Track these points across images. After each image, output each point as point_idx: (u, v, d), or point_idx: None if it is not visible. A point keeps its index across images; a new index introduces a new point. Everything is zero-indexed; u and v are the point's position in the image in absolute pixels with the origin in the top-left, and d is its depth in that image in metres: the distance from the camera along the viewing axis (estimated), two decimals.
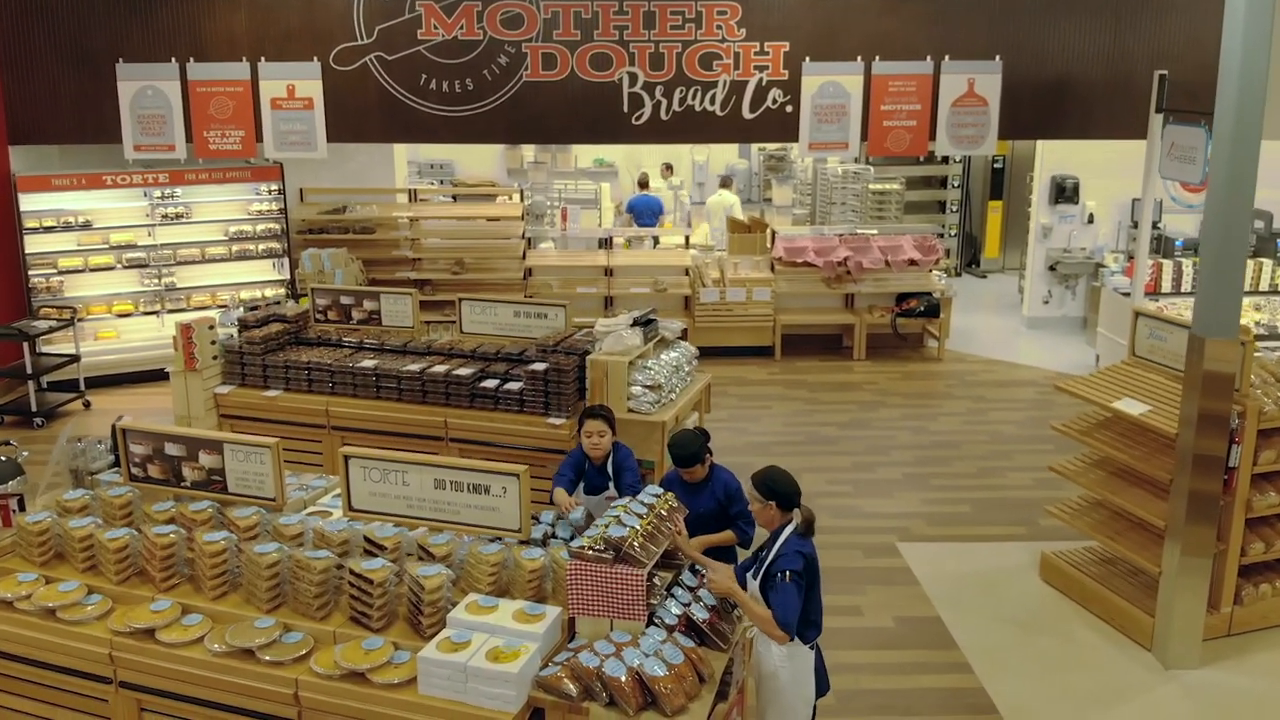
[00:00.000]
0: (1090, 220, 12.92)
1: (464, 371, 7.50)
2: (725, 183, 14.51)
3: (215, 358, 7.97)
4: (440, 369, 7.56)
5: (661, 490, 4.74)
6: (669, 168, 16.05)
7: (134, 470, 5.40)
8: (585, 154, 17.27)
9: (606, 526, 4.34)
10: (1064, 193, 12.77)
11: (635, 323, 7.56)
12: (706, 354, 10.34)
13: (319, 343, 8.24)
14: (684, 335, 8.21)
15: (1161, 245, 12.34)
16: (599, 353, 7.38)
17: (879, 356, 11.89)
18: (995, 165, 16.12)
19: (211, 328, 7.93)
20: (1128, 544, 6.42)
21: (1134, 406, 6.35)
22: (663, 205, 14.65)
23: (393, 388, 7.62)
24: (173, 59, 10.62)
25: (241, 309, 8.41)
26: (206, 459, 5.21)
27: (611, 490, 5.51)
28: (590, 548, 4.23)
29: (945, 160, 15.83)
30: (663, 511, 4.57)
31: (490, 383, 7.48)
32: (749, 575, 4.54)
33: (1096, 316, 11.65)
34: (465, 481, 4.71)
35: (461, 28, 10.58)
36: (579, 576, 4.21)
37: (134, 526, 5.14)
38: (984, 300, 14.51)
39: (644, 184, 14.68)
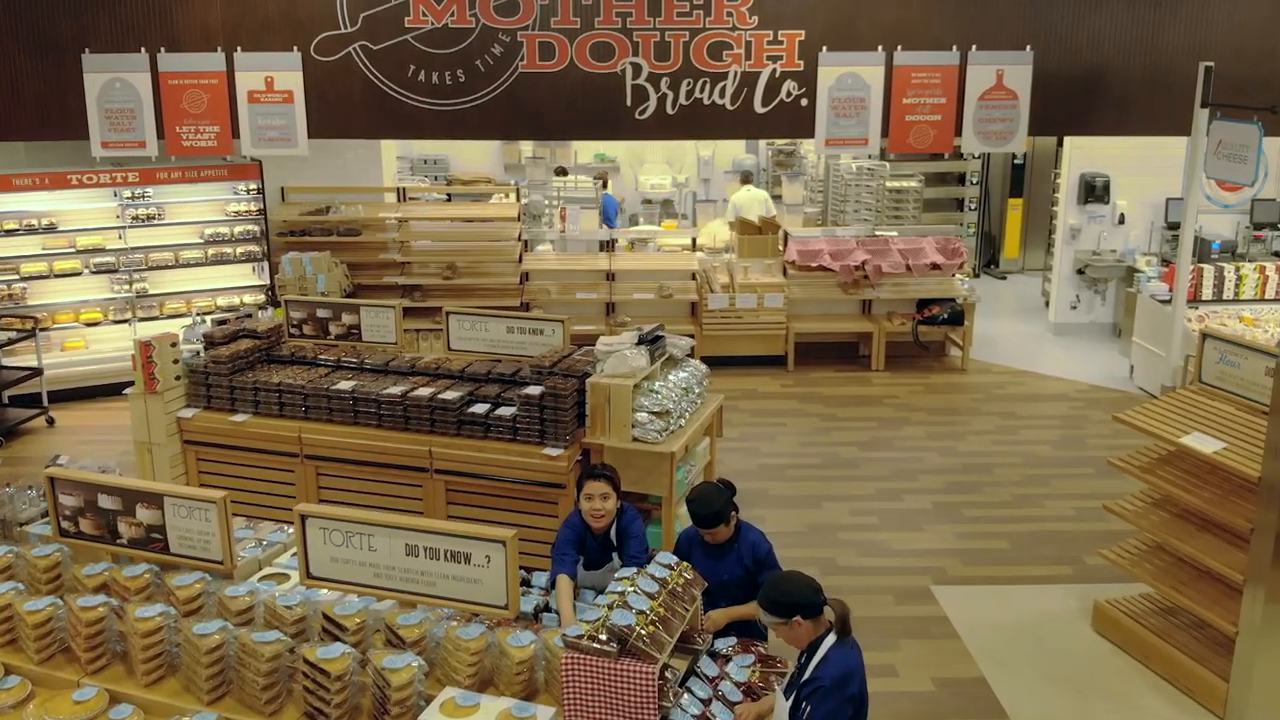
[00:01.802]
0: (1121, 221, 12.16)
1: (451, 395, 6.77)
2: (747, 178, 13.69)
3: (178, 378, 7.24)
4: (424, 392, 6.83)
5: (675, 560, 4.00)
6: (562, 171, 14.89)
7: (64, 524, 4.68)
8: (585, 148, 16.49)
9: (610, 609, 3.62)
10: (1093, 191, 12.01)
11: (640, 341, 6.83)
12: (714, 364, 9.57)
13: (292, 361, 7.51)
14: (691, 351, 7.46)
15: (1198, 248, 11.60)
16: (600, 375, 6.65)
17: (898, 366, 11.15)
18: (1015, 161, 15.35)
19: (174, 345, 7.20)
20: (1196, 596, 5.70)
21: (1205, 443, 5.62)
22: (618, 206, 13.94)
23: (372, 412, 6.89)
24: (142, 49, 9.87)
25: (208, 323, 7.68)
26: (145, 514, 4.49)
27: (616, 563, 4.75)
28: (591, 637, 3.50)
29: (963, 155, 15.06)
30: (677, 587, 3.85)
31: (480, 408, 6.75)
32: (780, 693, 3.79)
33: (1130, 323, 10.90)
34: (442, 548, 3.98)
35: (452, 15, 9.83)
36: (576, 673, 3.49)
37: (61, 594, 4.42)
38: (1006, 304, 13.76)
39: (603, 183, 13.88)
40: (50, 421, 9.71)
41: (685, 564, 4.00)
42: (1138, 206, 12.16)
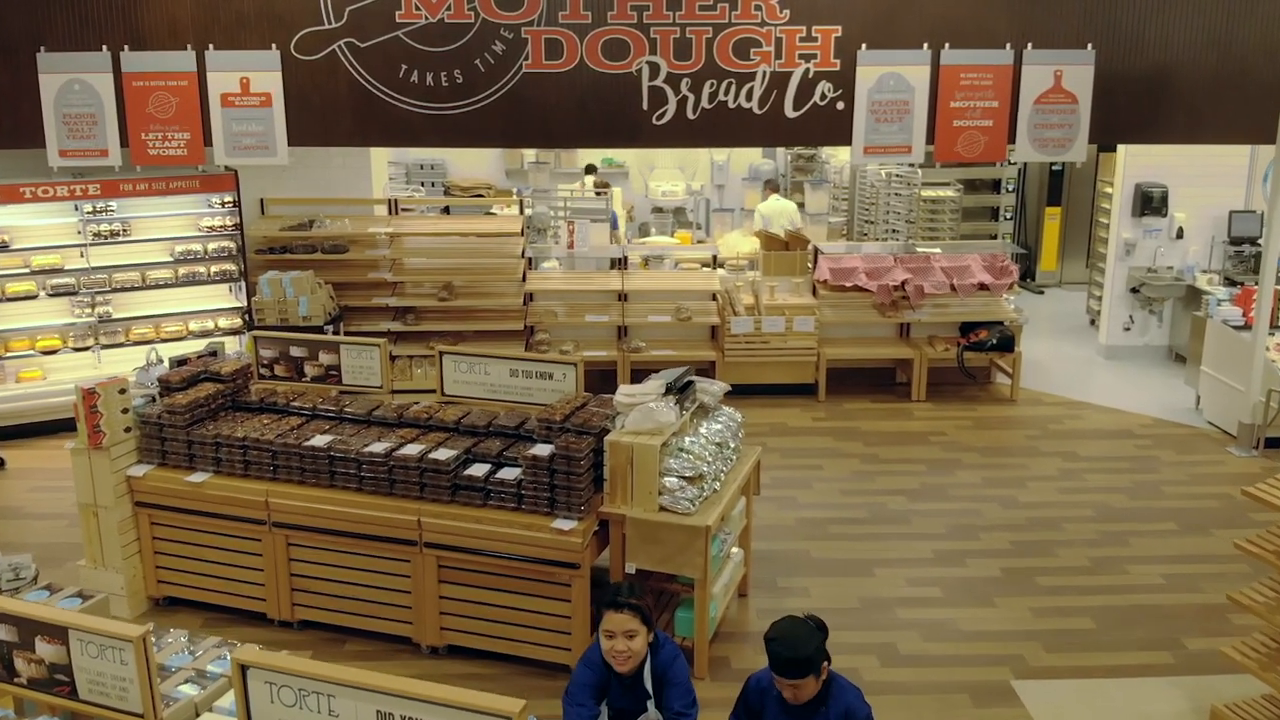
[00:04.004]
0: (1179, 235, 11.14)
1: (443, 454, 5.75)
2: (774, 187, 12.67)
3: (128, 430, 6.22)
4: (413, 449, 5.81)
5: None
6: (591, 170, 14.08)
7: None
8: (592, 152, 15.44)
9: None
10: (1149, 203, 10.98)
11: (669, 390, 5.81)
12: (737, 392, 8.58)
13: (261, 408, 6.49)
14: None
15: (1263, 265, 10.62)
16: (621, 431, 5.64)
17: (941, 396, 10.12)
18: (1054, 168, 14.32)
19: (123, 391, 6.18)
20: None
21: None
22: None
23: (351, 473, 5.87)
24: (104, 47, 8.86)
25: (165, 363, 6.66)
26: (47, 650, 3.48)
27: (653, 714, 3.71)
28: None
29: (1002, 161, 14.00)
30: None
31: (478, 469, 5.73)
32: None
33: (1197, 349, 9.84)
34: None
35: (449, 9, 8.81)
36: None
37: None
38: (1047, 321, 12.69)
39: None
40: (1, 463, 8.69)
41: None
42: (1196, 219, 11.14)
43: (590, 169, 14.03)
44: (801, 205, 14.20)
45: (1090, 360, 11.39)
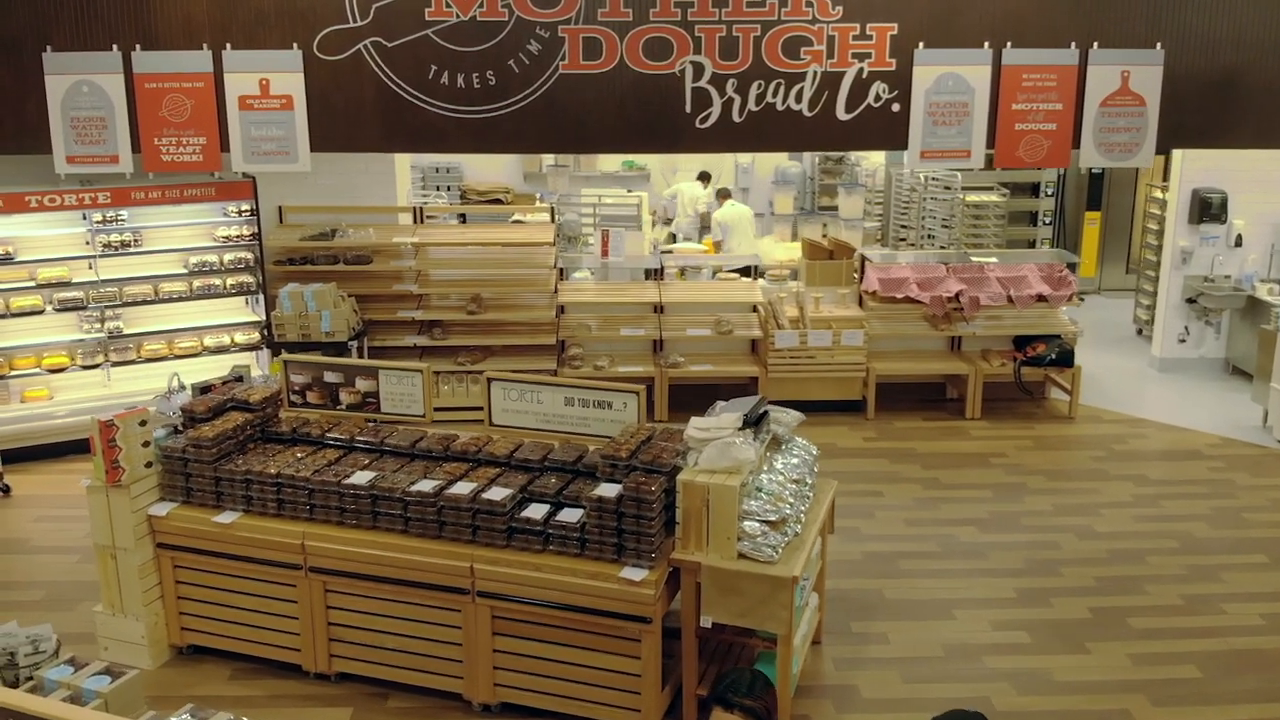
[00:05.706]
0: (1238, 243, 10.65)
1: (498, 494, 5.24)
2: (726, 192, 12.27)
3: (149, 465, 5.71)
4: (464, 488, 5.30)
5: None
6: (705, 177, 13.76)
7: None
8: (613, 155, 14.94)
9: None
10: (1209, 209, 10.50)
11: (746, 423, 5.30)
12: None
13: (294, 439, 5.98)
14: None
15: None
16: (694, 469, 5.13)
17: (996, 414, 9.62)
18: (1093, 171, 13.84)
19: (143, 424, 5.66)
20: None
21: None
22: None
23: (396, 514, 5.37)
24: (114, 46, 8.33)
25: (188, 390, 6.15)
26: None
27: None
28: None
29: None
30: None
31: (536, 510, 5.23)
32: None
33: (1267, 362, 9.33)
34: None
35: (481, 7, 8.29)
36: None
37: None
38: (1092, 331, 12.10)
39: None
40: (6, 490, 8.18)
41: None
42: (1255, 226, 10.67)
43: (704, 176, 13.58)
44: (834, 208, 13.72)
45: (1143, 373, 10.92)
